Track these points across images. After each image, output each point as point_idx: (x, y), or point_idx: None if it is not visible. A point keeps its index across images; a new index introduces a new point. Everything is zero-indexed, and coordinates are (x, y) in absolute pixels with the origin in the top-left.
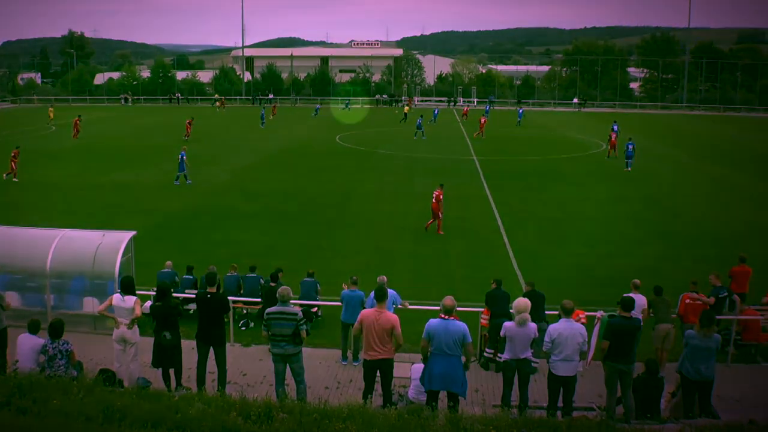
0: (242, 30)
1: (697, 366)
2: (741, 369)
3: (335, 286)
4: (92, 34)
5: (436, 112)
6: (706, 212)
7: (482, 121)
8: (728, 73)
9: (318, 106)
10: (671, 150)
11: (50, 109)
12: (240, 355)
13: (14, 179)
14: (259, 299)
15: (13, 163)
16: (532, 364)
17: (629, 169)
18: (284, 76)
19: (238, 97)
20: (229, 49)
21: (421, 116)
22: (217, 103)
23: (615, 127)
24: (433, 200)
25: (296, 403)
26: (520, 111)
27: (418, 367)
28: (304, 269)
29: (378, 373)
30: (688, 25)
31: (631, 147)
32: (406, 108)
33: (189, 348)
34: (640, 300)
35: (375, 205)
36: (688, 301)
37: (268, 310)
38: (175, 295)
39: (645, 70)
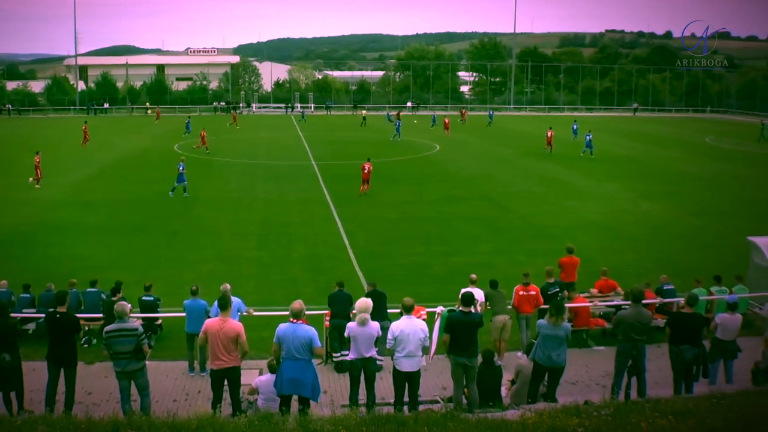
0: (75, 38)
1: (548, 353)
2: (574, 353)
3: (180, 296)
4: None
5: (434, 116)
6: (536, 207)
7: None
8: (552, 75)
9: (302, 111)
10: (502, 150)
11: None
12: (84, 374)
13: (36, 186)
14: (100, 315)
15: (38, 170)
16: (377, 362)
17: (585, 152)
18: (119, 84)
19: (72, 107)
20: (61, 58)
21: (399, 119)
22: (149, 111)
23: (575, 127)
24: (365, 171)
25: (144, 418)
26: (491, 113)
27: (263, 379)
28: (148, 281)
29: (226, 382)
30: (514, 30)
31: (588, 138)
32: (394, 113)
33: (30, 369)
34: (478, 294)
35: (217, 213)
36: (521, 293)
37: (107, 328)
38: (12, 315)
39: (474, 74)
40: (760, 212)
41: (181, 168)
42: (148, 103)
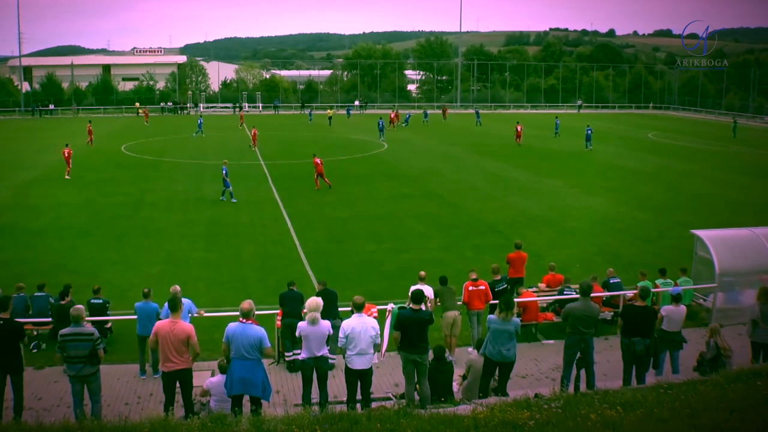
0: (19, 38)
1: (498, 348)
2: (524, 348)
3: (129, 299)
4: None
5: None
6: (483, 204)
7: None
8: (498, 73)
9: (310, 111)
10: (450, 147)
11: None
12: (33, 379)
13: (66, 176)
14: (49, 319)
15: (69, 162)
16: (329, 360)
17: (590, 148)
18: (65, 85)
19: (17, 108)
20: (5, 59)
21: (381, 119)
22: (140, 112)
23: (557, 122)
24: (319, 166)
25: (96, 423)
26: (477, 112)
27: (214, 380)
28: (97, 284)
29: (178, 384)
30: (460, 29)
31: (589, 132)
32: (393, 114)
33: None
34: (427, 291)
35: (165, 214)
36: (471, 288)
37: (62, 332)
38: None
39: (421, 73)
40: (701, 206)
41: (224, 172)
42: (137, 104)
